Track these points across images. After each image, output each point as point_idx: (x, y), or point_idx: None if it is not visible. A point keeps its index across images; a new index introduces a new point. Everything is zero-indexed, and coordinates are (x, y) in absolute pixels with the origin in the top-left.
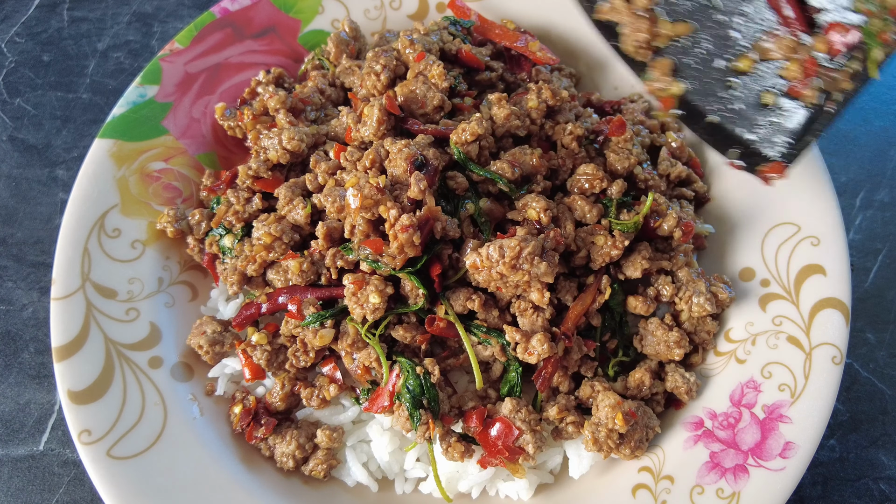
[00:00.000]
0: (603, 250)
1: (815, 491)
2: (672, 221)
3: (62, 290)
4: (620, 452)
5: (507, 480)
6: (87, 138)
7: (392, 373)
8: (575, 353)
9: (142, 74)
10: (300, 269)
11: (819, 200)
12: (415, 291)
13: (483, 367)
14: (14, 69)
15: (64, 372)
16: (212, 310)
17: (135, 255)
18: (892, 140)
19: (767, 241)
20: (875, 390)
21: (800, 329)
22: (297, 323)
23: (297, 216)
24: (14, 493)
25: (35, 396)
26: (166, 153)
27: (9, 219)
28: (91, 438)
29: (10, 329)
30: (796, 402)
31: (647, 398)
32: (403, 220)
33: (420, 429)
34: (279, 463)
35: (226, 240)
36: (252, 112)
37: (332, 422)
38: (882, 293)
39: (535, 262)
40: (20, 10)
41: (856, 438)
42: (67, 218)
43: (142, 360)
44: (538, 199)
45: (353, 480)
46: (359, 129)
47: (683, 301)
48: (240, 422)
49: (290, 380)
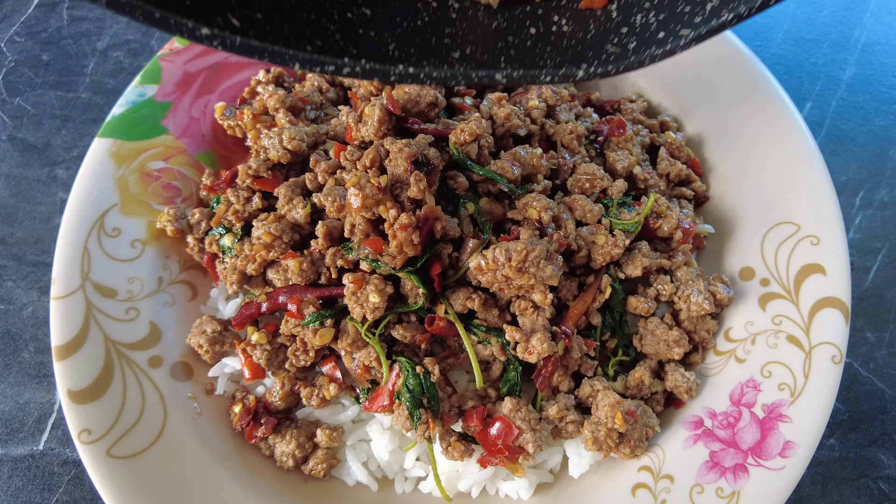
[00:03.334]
0: (604, 249)
1: (815, 490)
2: (672, 222)
3: (62, 290)
4: (620, 452)
5: (506, 480)
6: (86, 137)
7: (392, 372)
8: (575, 352)
9: (141, 74)
10: (300, 268)
11: (819, 200)
12: (415, 291)
13: (483, 367)
14: (14, 68)
15: (64, 371)
16: (211, 309)
17: (134, 254)
18: (891, 139)
19: (767, 241)
20: (875, 389)
21: (799, 328)
22: (296, 322)
23: (297, 215)
24: (14, 492)
25: (35, 396)
26: (166, 152)
27: (8, 218)
28: (91, 438)
29: (10, 328)
30: (796, 401)
31: (647, 397)
32: (403, 218)
33: (420, 428)
34: (279, 462)
35: (225, 239)
36: (252, 111)
37: (332, 421)
38: (882, 292)
39: (540, 266)
40: (20, 10)
41: (855, 438)
42: (67, 217)
43: (142, 359)
44: (538, 199)
45: (353, 480)
46: (359, 129)
47: (682, 300)
48: (240, 421)
49: (289, 379)
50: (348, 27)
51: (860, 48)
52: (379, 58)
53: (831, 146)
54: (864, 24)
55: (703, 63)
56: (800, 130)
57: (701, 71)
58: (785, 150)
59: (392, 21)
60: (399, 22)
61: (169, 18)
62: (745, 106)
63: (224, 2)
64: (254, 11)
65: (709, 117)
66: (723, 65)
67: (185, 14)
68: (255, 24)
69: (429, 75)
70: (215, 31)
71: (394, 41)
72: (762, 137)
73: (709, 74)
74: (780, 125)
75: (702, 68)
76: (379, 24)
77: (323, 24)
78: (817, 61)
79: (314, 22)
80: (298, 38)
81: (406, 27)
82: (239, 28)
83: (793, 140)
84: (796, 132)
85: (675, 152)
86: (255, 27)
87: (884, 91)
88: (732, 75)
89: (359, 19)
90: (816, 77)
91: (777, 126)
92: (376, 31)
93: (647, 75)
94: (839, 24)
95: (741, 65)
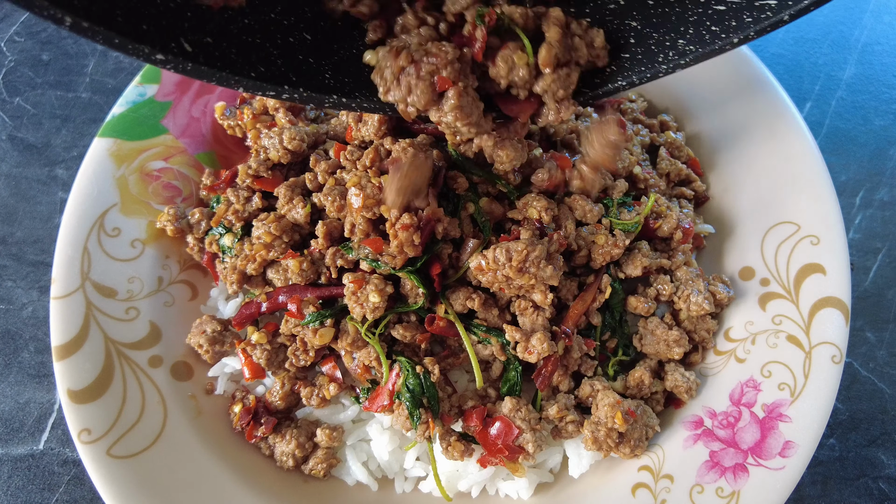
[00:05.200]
0: (604, 249)
1: (815, 490)
2: (672, 222)
3: (62, 290)
4: (620, 451)
5: (506, 479)
6: (86, 137)
7: (392, 372)
8: (575, 352)
9: (141, 73)
10: (300, 268)
11: (819, 199)
12: (415, 291)
13: (483, 367)
14: (14, 68)
15: (64, 371)
16: (211, 309)
17: (134, 254)
18: (891, 139)
19: (767, 240)
20: (875, 389)
21: (799, 328)
22: (296, 322)
23: (297, 215)
24: (14, 492)
25: (35, 395)
26: (166, 152)
27: (8, 218)
28: (91, 437)
29: (10, 328)
30: (796, 401)
31: (647, 397)
32: (404, 219)
33: (420, 428)
34: (279, 462)
35: (225, 239)
36: (252, 111)
37: (332, 421)
38: (882, 292)
39: (541, 266)
40: (20, 9)
41: (855, 437)
42: (67, 217)
43: (142, 359)
44: (539, 199)
45: (353, 479)
46: (359, 129)
47: (682, 300)
48: (239, 421)
49: (289, 379)
50: (289, 52)
51: (860, 48)
52: (315, 86)
53: (831, 146)
54: (864, 23)
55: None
56: (800, 130)
57: (701, 71)
58: (785, 150)
59: (329, 48)
60: (336, 49)
61: (127, 44)
62: (745, 106)
63: (178, 27)
64: (204, 36)
65: (709, 117)
66: (723, 65)
67: (142, 40)
68: (205, 49)
69: (360, 105)
70: (169, 56)
71: (330, 69)
72: (762, 137)
73: (709, 74)
74: (780, 125)
75: (701, 68)
76: (318, 52)
77: (266, 49)
78: (817, 61)
79: (258, 46)
80: (244, 64)
81: (343, 54)
82: (190, 53)
83: (793, 140)
84: (796, 132)
85: (675, 152)
86: (206, 52)
87: (884, 91)
88: (732, 75)
89: (299, 44)
90: (816, 77)
91: (777, 126)
92: (315, 58)
93: None
94: (839, 23)
95: (741, 65)
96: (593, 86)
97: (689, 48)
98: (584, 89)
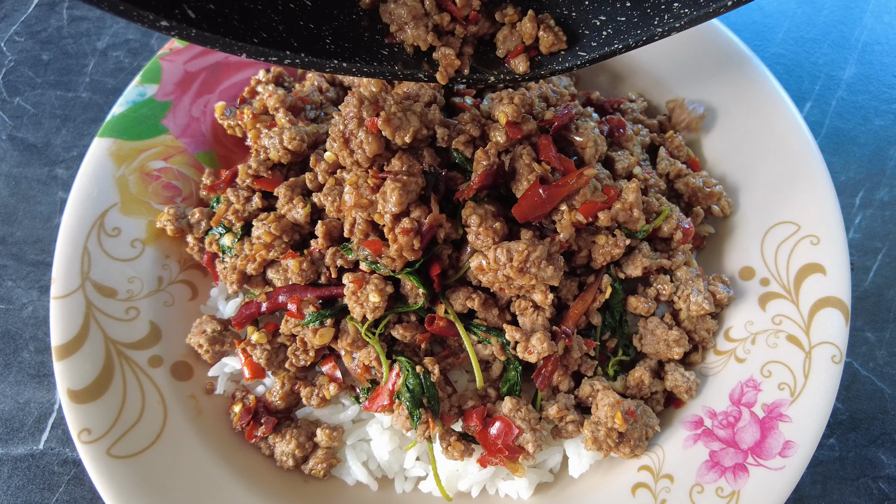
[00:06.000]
0: (604, 249)
1: (815, 490)
2: (672, 222)
3: (62, 289)
4: (620, 451)
5: (506, 479)
6: (86, 137)
7: (392, 372)
8: (575, 352)
9: (141, 73)
10: (300, 268)
11: (819, 199)
12: (415, 291)
13: (483, 366)
14: (14, 68)
15: (64, 371)
16: (211, 309)
17: (134, 253)
18: (891, 139)
19: (767, 240)
20: (875, 389)
21: (799, 328)
22: (296, 322)
23: (297, 215)
24: (14, 491)
25: (35, 395)
26: (166, 152)
27: (8, 218)
28: (91, 437)
29: (10, 328)
30: (796, 400)
31: (647, 397)
32: (405, 223)
33: (420, 428)
34: (279, 462)
35: (225, 239)
36: (252, 111)
37: (332, 421)
38: (882, 292)
39: (542, 266)
40: (20, 9)
41: (855, 437)
42: (67, 217)
43: (142, 358)
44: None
45: (353, 479)
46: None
47: (682, 300)
48: (240, 421)
49: (289, 379)
50: (290, 18)
51: (860, 48)
52: (316, 51)
53: (831, 146)
54: (864, 23)
55: (702, 63)
56: (800, 130)
57: (701, 70)
58: (785, 150)
59: (329, 14)
60: (336, 14)
61: (132, 10)
62: (745, 106)
63: None
64: (207, 2)
65: (708, 117)
66: (723, 64)
67: (147, 6)
68: (208, 16)
69: (360, 70)
70: (173, 23)
71: (331, 34)
72: (762, 137)
73: (709, 74)
74: (780, 125)
75: (701, 68)
76: (318, 17)
77: (268, 15)
78: (817, 61)
79: (260, 13)
80: (246, 30)
81: (343, 20)
82: (194, 20)
83: (793, 140)
84: (796, 132)
85: (675, 152)
86: (209, 19)
87: (884, 91)
88: (732, 75)
89: (300, 10)
90: (816, 77)
91: (777, 126)
92: (315, 24)
93: (647, 75)
94: (839, 23)
95: (741, 64)
96: (590, 49)
97: (685, 11)
98: (582, 53)
